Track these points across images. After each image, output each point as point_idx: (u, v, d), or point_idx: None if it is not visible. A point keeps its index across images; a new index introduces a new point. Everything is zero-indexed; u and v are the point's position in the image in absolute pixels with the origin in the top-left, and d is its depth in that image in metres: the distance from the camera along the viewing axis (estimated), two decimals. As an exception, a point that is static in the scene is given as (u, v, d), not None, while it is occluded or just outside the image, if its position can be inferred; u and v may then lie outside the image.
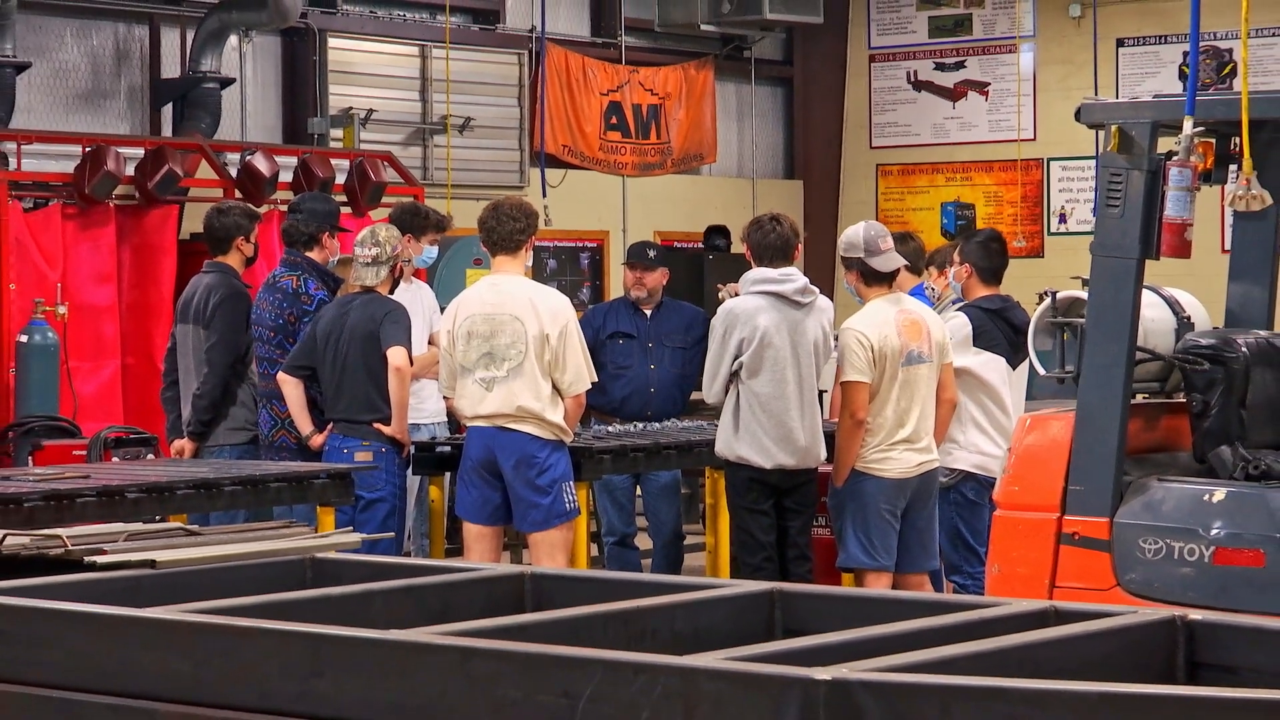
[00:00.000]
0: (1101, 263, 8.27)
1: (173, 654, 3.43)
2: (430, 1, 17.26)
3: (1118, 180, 8.21)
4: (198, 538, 4.45)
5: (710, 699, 2.89)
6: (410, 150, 16.75)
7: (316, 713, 3.24)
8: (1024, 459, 8.49)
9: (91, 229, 13.81)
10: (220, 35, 15.57)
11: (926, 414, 10.06)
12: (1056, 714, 2.74)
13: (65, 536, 4.24)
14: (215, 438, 11.02)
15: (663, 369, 12.22)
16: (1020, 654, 3.25)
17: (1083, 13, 19.61)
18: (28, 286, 13.27)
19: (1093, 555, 8.15)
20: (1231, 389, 8.31)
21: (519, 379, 9.82)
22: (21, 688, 3.59)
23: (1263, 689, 2.86)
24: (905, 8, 20.69)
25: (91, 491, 8.86)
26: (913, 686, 2.83)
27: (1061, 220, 20.03)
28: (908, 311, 10.11)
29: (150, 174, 13.98)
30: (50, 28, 15.14)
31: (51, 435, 12.79)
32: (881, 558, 9.96)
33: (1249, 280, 9.02)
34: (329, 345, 10.40)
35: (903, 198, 20.63)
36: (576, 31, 18.76)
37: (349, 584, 4.08)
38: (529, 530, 10.03)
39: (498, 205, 10.21)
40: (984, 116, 20.42)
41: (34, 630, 3.62)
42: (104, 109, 15.53)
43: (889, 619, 3.56)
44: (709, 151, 19.66)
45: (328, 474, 9.95)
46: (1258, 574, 7.89)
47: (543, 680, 3.04)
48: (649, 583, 4.13)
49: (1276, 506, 7.98)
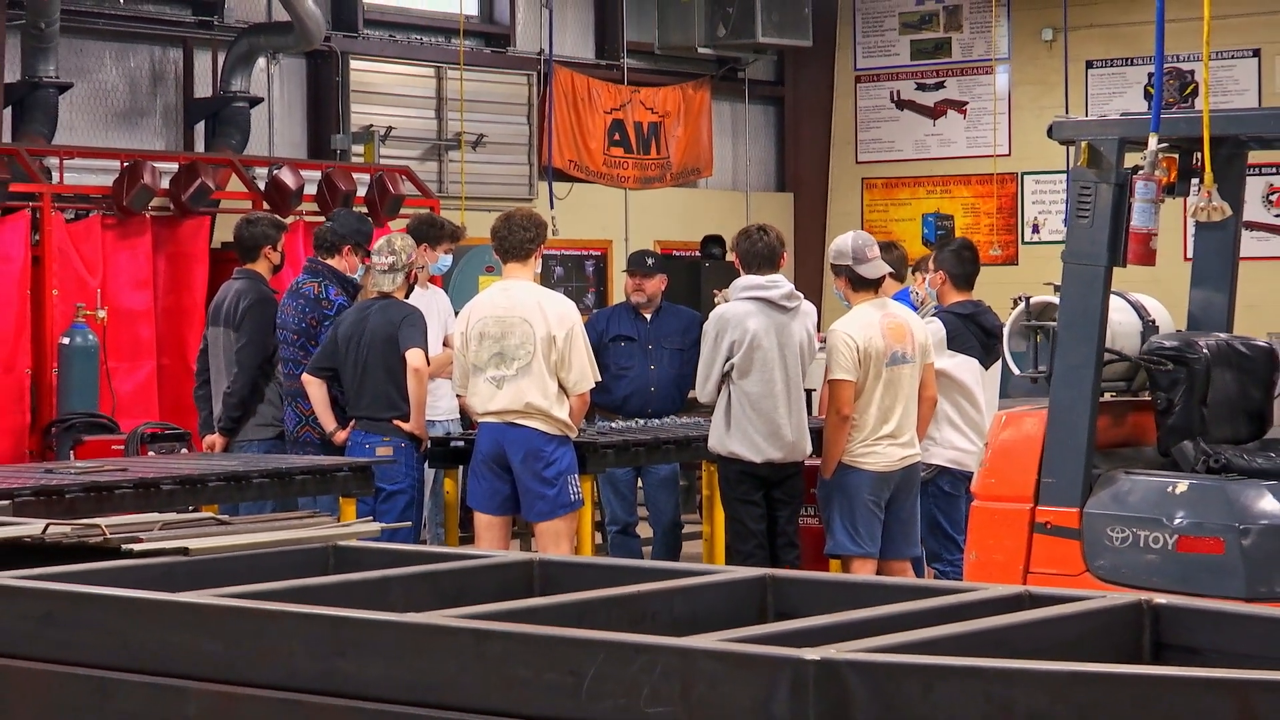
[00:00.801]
0: (1072, 270, 8.27)
1: (204, 636, 3.43)
2: (445, 26, 17.25)
3: (1087, 193, 8.20)
4: (228, 527, 4.45)
5: (706, 678, 2.89)
6: (427, 165, 16.74)
7: (339, 690, 3.24)
8: (999, 453, 8.49)
9: (129, 238, 13.81)
10: (249, 57, 15.58)
11: (909, 411, 10.06)
12: (1030, 692, 2.73)
13: (104, 525, 4.23)
14: (244, 433, 11.03)
15: (662, 369, 12.22)
16: (996, 635, 3.25)
17: (1054, 37, 19.61)
18: (70, 292, 13.27)
19: (1064, 543, 8.14)
20: (1193, 388, 8.30)
21: (527, 378, 9.82)
22: (63, 667, 3.59)
23: (1223, 669, 2.85)
24: (889, 32, 20.68)
25: (129, 483, 8.86)
26: (896, 666, 2.83)
27: (1035, 230, 20.02)
28: (892, 315, 10.11)
29: (184, 187, 13.98)
30: (90, 50, 15.14)
31: (92, 431, 12.79)
32: (867, 545, 9.96)
33: (1210, 286, 9.02)
34: (350, 348, 10.40)
35: (886, 209, 20.62)
36: (582, 54, 18.75)
37: (369, 570, 4.08)
38: (535, 520, 10.03)
39: (509, 216, 10.21)
40: (962, 133, 20.41)
41: (75, 613, 3.62)
42: (141, 126, 15.53)
43: (874, 603, 3.56)
44: (705, 166, 19.65)
45: (349, 468, 9.96)
46: (1218, 561, 7.89)
47: (551, 660, 3.04)
48: (649, 569, 4.12)
49: (1235, 498, 7.97)
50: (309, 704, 3.27)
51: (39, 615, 3.65)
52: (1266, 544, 7.88)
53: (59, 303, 13.20)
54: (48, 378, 13.15)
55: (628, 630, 3.15)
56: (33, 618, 3.65)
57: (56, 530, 4.27)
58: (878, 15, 20.70)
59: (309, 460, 10.13)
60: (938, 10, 20.43)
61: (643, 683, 2.93)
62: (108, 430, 12.84)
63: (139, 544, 4.13)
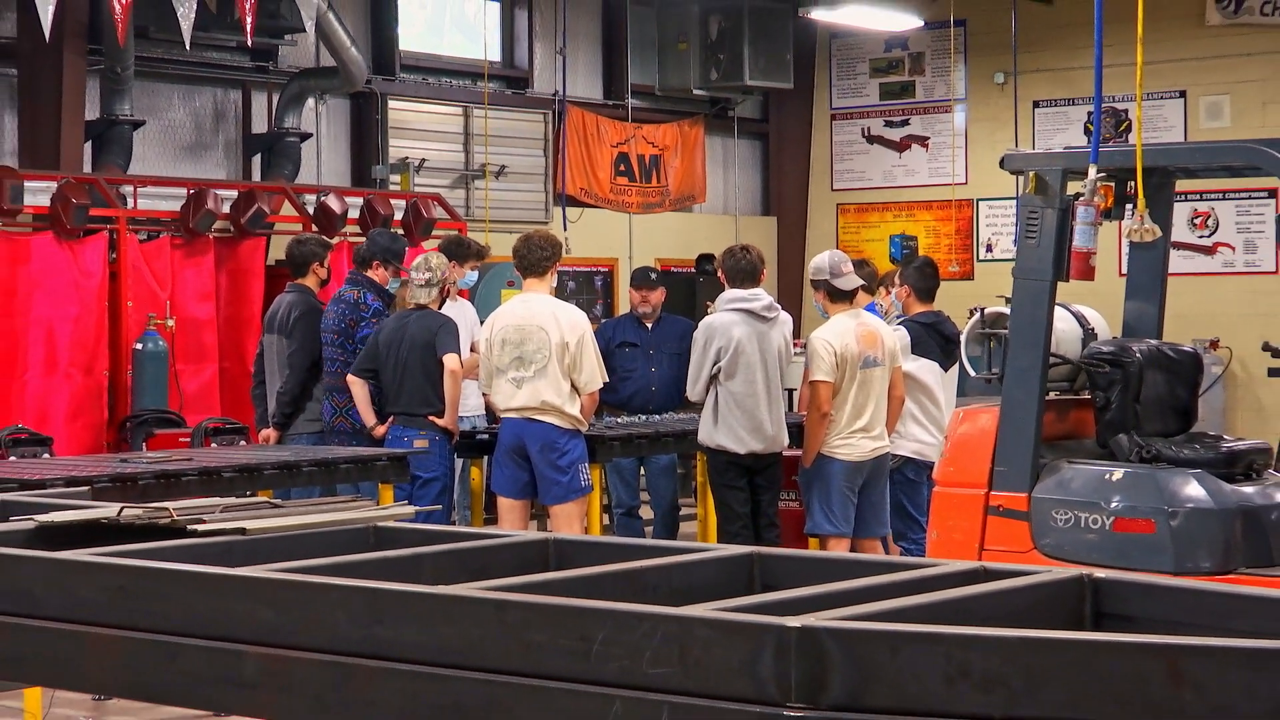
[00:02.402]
0: (1021, 284, 8.27)
1: (259, 605, 3.42)
2: (472, 70, 17.25)
3: (1034, 217, 8.20)
4: (280, 509, 4.44)
5: (701, 642, 2.88)
6: (455, 192, 16.75)
7: (377, 653, 3.23)
8: (958, 445, 8.49)
9: (194, 256, 13.82)
10: (300, 98, 15.59)
11: (880, 408, 10.07)
12: (985, 655, 2.72)
13: (172, 509, 4.22)
14: (295, 427, 11.04)
15: (661, 371, 12.23)
16: (955, 605, 3.24)
17: (1005, 80, 19.60)
18: (143, 304, 13.28)
19: (1014, 524, 8.14)
20: (1128, 388, 8.30)
21: (544, 378, 9.82)
22: (135, 633, 3.59)
23: (1155, 635, 2.84)
24: (860, 75, 20.68)
25: (194, 472, 8.86)
26: (868, 632, 2.82)
27: (988, 249, 20.01)
28: (865, 324, 10.12)
29: (242, 211, 13.99)
30: (161, 92, 15.15)
31: (161, 425, 12.79)
32: (841, 526, 9.96)
33: (1142, 298, 9.03)
34: (391, 352, 10.41)
35: (858, 231, 20.62)
36: (591, 95, 18.75)
37: (405, 548, 4.06)
38: (551, 503, 10.03)
39: (529, 237, 10.21)
40: (925, 165, 20.41)
41: (146, 586, 3.61)
42: (205, 158, 15.54)
43: (848, 576, 3.55)
44: (699, 193, 19.65)
45: (388, 458, 9.96)
46: (1149, 540, 7.89)
47: (564, 627, 3.03)
48: (651, 547, 4.11)
49: (1165, 484, 7.97)
50: (350, 665, 3.26)
51: (114, 587, 3.64)
52: (1192, 525, 7.87)
53: (133, 313, 13.21)
54: (123, 379, 13.16)
55: (632, 600, 3.14)
56: (109, 589, 3.64)
57: (130, 513, 4.27)
58: (850, 61, 20.70)
59: (352, 451, 10.13)
60: (903, 57, 20.43)
61: (645, 647, 2.92)
62: (175, 425, 12.84)
63: (202, 525, 4.13)
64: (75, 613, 3.68)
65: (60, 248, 12.91)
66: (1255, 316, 17.56)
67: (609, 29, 18.97)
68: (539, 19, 18.19)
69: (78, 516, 4.35)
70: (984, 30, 19.66)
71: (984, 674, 2.70)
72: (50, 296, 12.83)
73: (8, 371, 12.71)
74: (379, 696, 3.26)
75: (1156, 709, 2.62)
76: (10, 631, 3.78)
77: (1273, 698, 2.57)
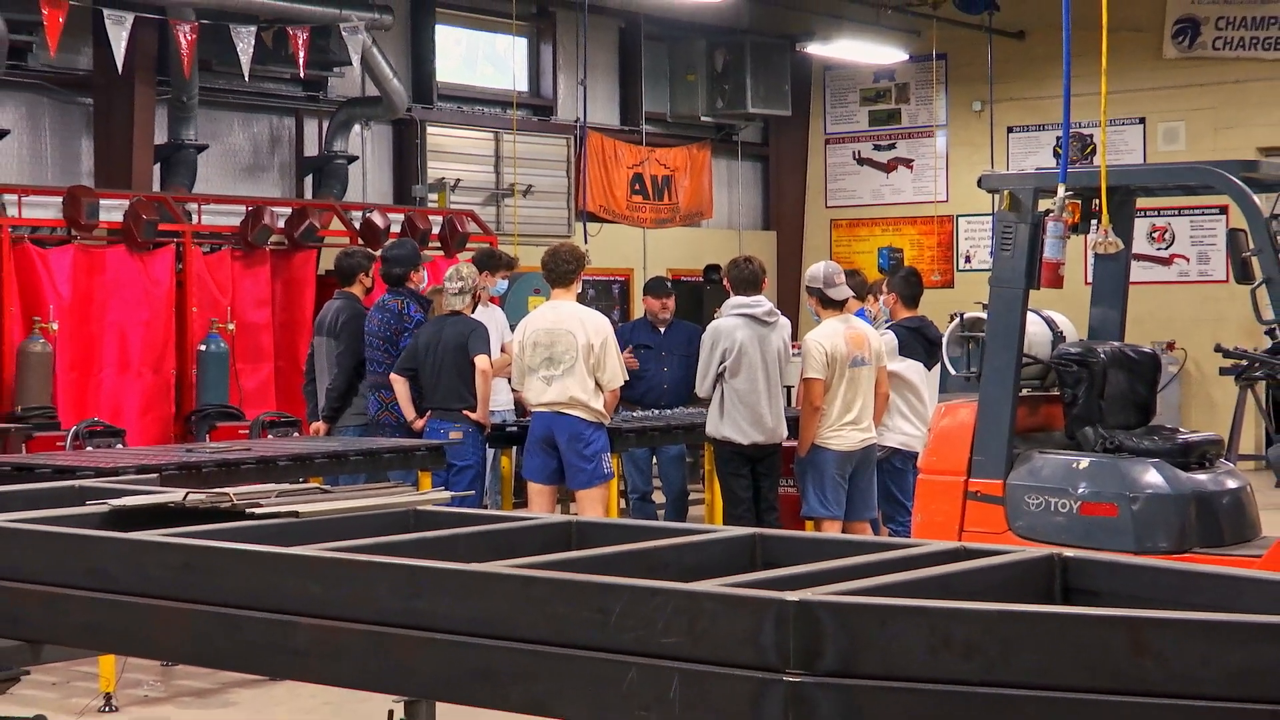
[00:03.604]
0: (997, 292, 8.26)
1: (310, 581, 3.42)
2: (502, 99, 17.27)
3: (1009, 231, 8.19)
4: (329, 494, 4.44)
5: (708, 615, 2.87)
6: (487, 209, 16.75)
7: (415, 624, 3.23)
8: (940, 437, 8.48)
9: (253, 267, 13.83)
10: (348, 124, 15.62)
11: (867, 404, 10.06)
12: (965, 626, 2.71)
13: (232, 494, 4.22)
14: (342, 420, 11.04)
15: (673, 371, 12.23)
16: (938, 582, 3.23)
17: (982, 108, 19.61)
18: (206, 309, 13.30)
19: (990, 508, 8.13)
20: (1093, 385, 8.29)
21: (571, 376, 9.81)
22: (200, 606, 3.58)
23: (1118, 608, 2.84)
24: (851, 104, 20.67)
25: (252, 460, 8.88)
26: (859, 605, 2.81)
27: (967, 260, 20.00)
28: (854, 327, 10.11)
29: (295, 227, 13.99)
30: (222, 119, 15.17)
31: (223, 419, 12.80)
32: (834, 509, 9.96)
33: (1106, 304, 9.02)
34: (428, 353, 10.42)
35: (850, 244, 20.60)
36: (609, 121, 18.76)
37: (441, 529, 4.06)
38: (576, 488, 10.03)
39: (556, 250, 10.21)
40: (910, 184, 20.39)
41: (209, 563, 3.61)
42: (262, 179, 15.56)
43: (841, 556, 3.54)
44: (707, 210, 19.65)
45: (426, 448, 9.96)
46: (1112, 522, 7.87)
47: (584, 601, 3.02)
48: (663, 528, 4.10)
49: (1126, 472, 7.96)
50: (392, 634, 3.25)
51: (180, 564, 3.64)
52: (1151, 509, 7.86)
53: (197, 318, 13.23)
54: (189, 377, 13.18)
55: (646, 577, 3.14)
56: (175, 567, 3.64)
57: (194, 498, 4.26)
58: (842, 90, 20.69)
59: (393, 442, 10.13)
60: (890, 87, 20.41)
61: (658, 619, 2.91)
62: (235, 418, 12.85)
63: (259, 508, 4.12)
64: (145, 588, 3.68)
65: (132, 259, 12.92)
66: (1208, 321, 17.54)
67: (625, 62, 18.97)
68: (562, 53, 18.19)
69: (147, 501, 4.35)
70: (963, 63, 19.66)
71: (964, 644, 2.69)
72: (123, 303, 12.85)
73: (85, 370, 12.73)
74: (417, 663, 3.25)
75: (1120, 675, 2.61)
76: (87, 604, 3.78)
77: (1226, 665, 2.56)
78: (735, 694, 2.81)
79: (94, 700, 7.97)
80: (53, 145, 14.08)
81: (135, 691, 8.23)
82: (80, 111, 14.17)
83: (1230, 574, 3.34)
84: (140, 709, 7.99)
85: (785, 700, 2.76)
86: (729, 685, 2.82)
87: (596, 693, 2.99)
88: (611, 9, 18.09)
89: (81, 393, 12.66)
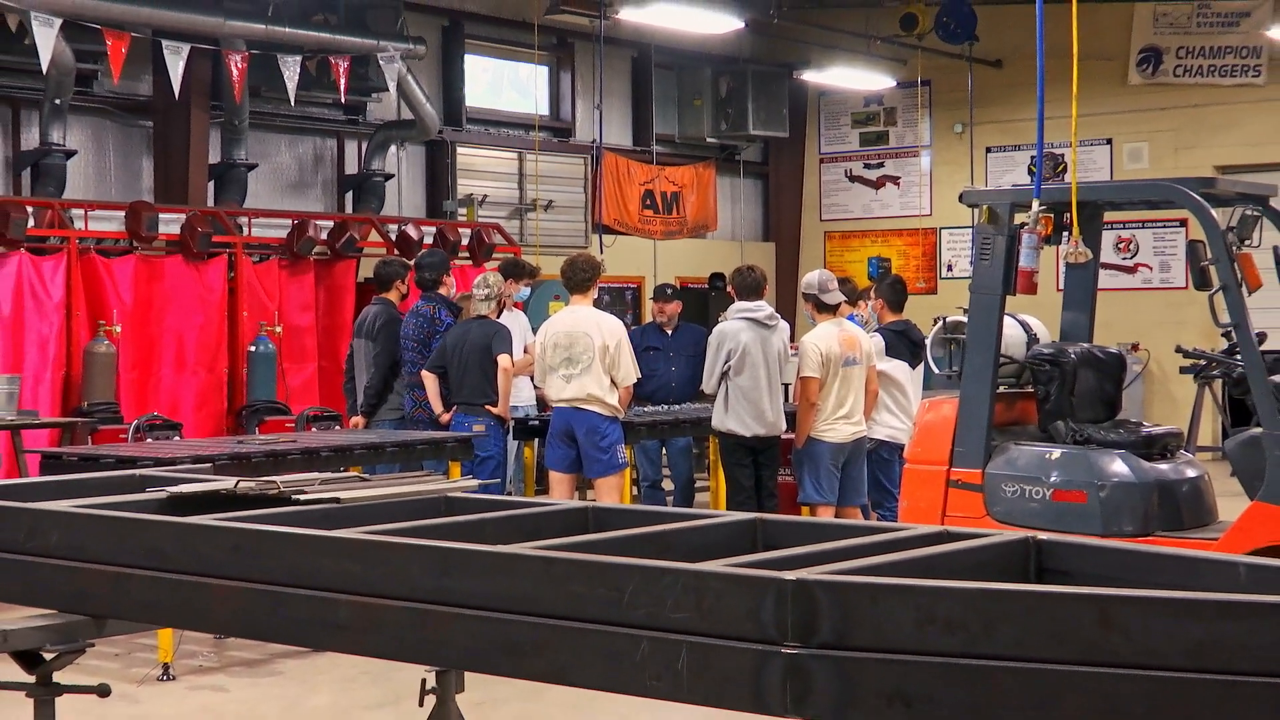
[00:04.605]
0: (976, 298, 8.25)
1: (350, 561, 3.42)
2: (525, 122, 17.26)
3: (987, 242, 8.18)
4: (368, 482, 4.44)
5: (714, 592, 2.87)
6: (512, 222, 16.75)
7: (447, 600, 3.23)
8: (924, 430, 8.47)
9: (298, 275, 13.85)
10: (384, 145, 15.62)
11: (859, 400, 10.04)
12: (948, 603, 2.71)
13: (279, 482, 4.22)
14: (379, 415, 11.04)
15: (680, 370, 12.21)
16: (923, 562, 3.23)
17: (963, 130, 19.59)
18: (255, 313, 13.32)
19: (970, 495, 8.12)
20: (1064, 383, 8.28)
21: (588, 375, 9.81)
22: (248, 584, 3.59)
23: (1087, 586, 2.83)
24: (843, 126, 20.65)
25: (297, 451, 8.87)
26: (851, 584, 2.81)
27: (949, 269, 19.97)
28: (846, 330, 10.10)
29: (337, 238, 14.01)
30: (270, 140, 15.18)
31: (271, 413, 12.82)
32: (828, 496, 9.94)
33: (1076, 309, 9.01)
34: (456, 353, 10.42)
35: (842, 254, 20.58)
36: (622, 142, 18.75)
37: (470, 514, 4.06)
38: (594, 477, 10.01)
39: (574, 260, 10.19)
40: (897, 199, 20.37)
41: (258, 545, 3.61)
42: (306, 195, 15.57)
43: (834, 538, 3.54)
44: (711, 223, 19.63)
45: (454, 440, 9.96)
46: (1082, 508, 7.86)
47: (601, 579, 3.02)
48: (672, 513, 4.10)
49: (1094, 462, 7.95)
50: (425, 610, 3.25)
51: (231, 546, 3.64)
52: (1117, 495, 7.85)
53: (248, 321, 13.25)
54: (240, 375, 13.19)
55: (656, 558, 3.13)
56: (227, 548, 3.65)
57: (244, 485, 4.27)
58: (835, 114, 20.67)
59: (425, 434, 10.13)
60: (879, 110, 20.39)
61: (667, 596, 2.91)
62: (282, 413, 12.87)
63: (304, 495, 4.13)
64: (200, 567, 3.68)
65: (188, 268, 12.94)
66: (1169, 324, 17.51)
67: (637, 88, 18.97)
68: (580, 80, 18.19)
69: (202, 488, 4.35)
70: (946, 89, 19.64)
71: (947, 619, 2.69)
72: (180, 308, 12.88)
73: (145, 370, 12.75)
74: (448, 636, 3.25)
75: (1090, 648, 2.61)
76: (147, 583, 3.79)
77: (1186, 639, 2.56)
78: (738, 665, 2.81)
79: (153, 670, 7.97)
80: (116, 164, 14.10)
81: (191, 662, 8.24)
82: (141, 133, 14.18)
83: (1189, 555, 3.33)
84: (195, 678, 7.99)
85: (783, 671, 2.76)
86: (732, 657, 2.82)
87: (611, 664, 2.99)
88: (625, 40, 18.08)
89: (142, 390, 12.69)
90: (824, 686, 2.74)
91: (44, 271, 12.15)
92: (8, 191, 13.13)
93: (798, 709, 2.76)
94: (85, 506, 4.10)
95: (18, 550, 4.01)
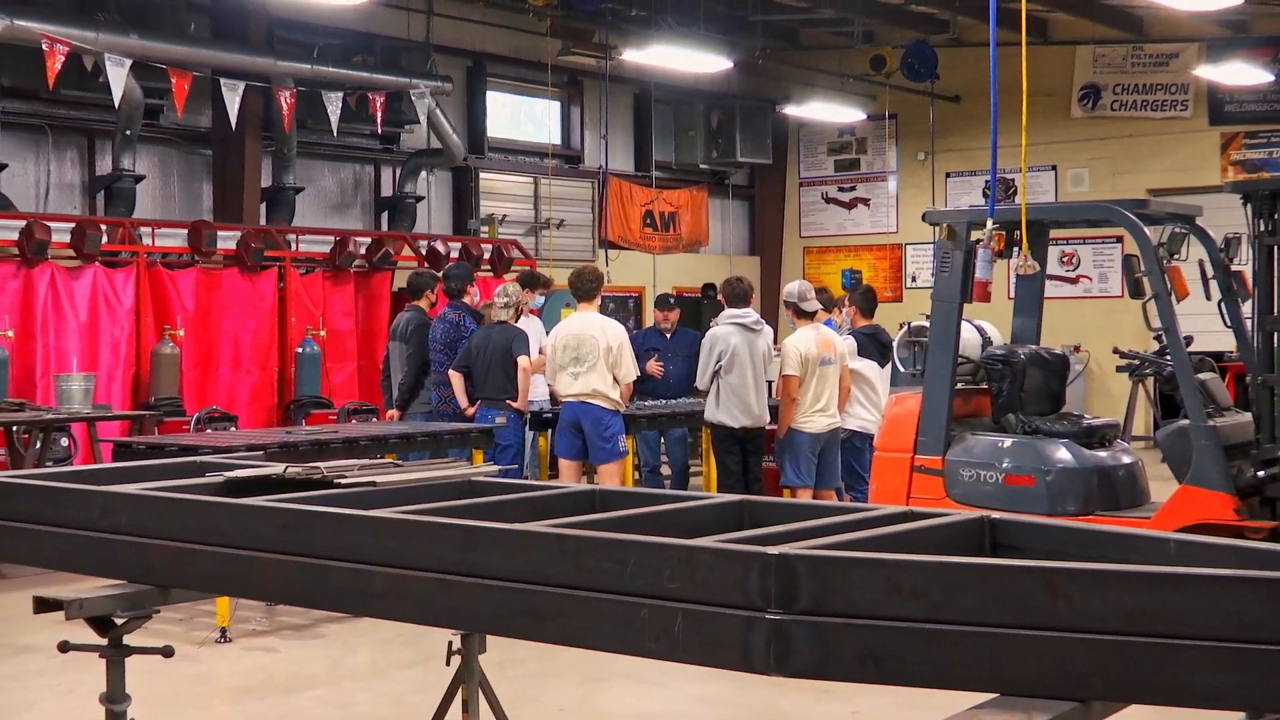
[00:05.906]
0: (937, 305, 8.24)
1: (386, 537, 3.42)
2: (539, 150, 17.26)
3: (947, 256, 8.17)
4: (401, 468, 4.43)
5: (706, 565, 2.86)
6: (527, 239, 16.74)
7: (470, 573, 3.23)
8: (891, 421, 8.46)
9: (340, 285, 13.85)
10: (416, 171, 15.62)
11: (833, 395, 10.03)
12: (913, 574, 2.71)
13: (323, 468, 4.22)
14: (411, 409, 11.04)
15: (677, 369, 12.22)
16: (891, 538, 3.22)
17: (926, 157, 19.59)
18: (302, 319, 13.32)
19: (932, 479, 8.11)
20: (1015, 380, 8.27)
21: (594, 373, 9.81)
22: (296, 558, 3.58)
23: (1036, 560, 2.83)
24: (820, 154, 20.64)
25: (339, 441, 8.88)
26: (827, 558, 2.80)
27: (913, 280, 19.95)
28: (823, 334, 10.09)
29: (374, 253, 14.01)
30: (315, 166, 15.18)
31: (316, 407, 12.82)
32: (806, 479, 9.94)
33: (1025, 315, 9.00)
34: (480, 354, 10.41)
35: (819, 267, 20.57)
36: (625, 168, 18.74)
37: (490, 496, 4.06)
38: (598, 463, 10.02)
39: (581, 271, 10.21)
40: (867, 219, 20.35)
41: (304, 523, 3.61)
42: (347, 215, 15.56)
43: (812, 518, 3.53)
44: (704, 239, 19.61)
45: (477, 431, 9.95)
46: (1031, 490, 7.86)
47: (606, 554, 3.02)
48: (669, 495, 4.10)
49: (1041, 450, 7.94)
50: (451, 581, 3.25)
51: (280, 524, 3.64)
52: (1061, 479, 7.84)
53: (295, 326, 13.25)
54: (288, 373, 13.20)
55: (655, 535, 3.13)
56: (276, 526, 3.64)
57: (292, 471, 4.26)
58: (813, 143, 20.65)
59: (451, 426, 10.12)
60: (851, 140, 20.38)
61: (664, 569, 2.91)
62: (326, 407, 12.88)
63: (344, 479, 4.12)
64: (253, 543, 3.68)
65: (243, 278, 12.95)
66: (1107, 328, 17.50)
67: (639, 121, 18.96)
68: (588, 114, 18.19)
69: (254, 473, 4.35)
70: (910, 121, 19.63)
71: (912, 588, 2.68)
72: (235, 314, 12.88)
73: (205, 369, 12.76)
74: (472, 604, 3.25)
75: (1038, 614, 2.61)
76: (206, 556, 3.78)
77: (1122, 606, 2.56)
78: (727, 629, 2.81)
79: (211, 633, 7.97)
80: (179, 187, 14.10)
81: (245, 626, 8.23)
82: (201, 160, 14.19)
83: (1126, 533, 3.33)
84: (249, 640, 7.99)
85: (767, 634, 2.76)
86: (722, 622, 2.81)
87: (616, 628, 2.98)
88: (628, 78, 18.07)
89: (202, 386, 12.70)
90: (803, 648, 2.74)
91: (116, 282, 12.17)
92: (84, 212, 13.14)
93: (780, 668, 2.75)
94: (152, 489, 4.10)
95: (92, 528, 4.01)
